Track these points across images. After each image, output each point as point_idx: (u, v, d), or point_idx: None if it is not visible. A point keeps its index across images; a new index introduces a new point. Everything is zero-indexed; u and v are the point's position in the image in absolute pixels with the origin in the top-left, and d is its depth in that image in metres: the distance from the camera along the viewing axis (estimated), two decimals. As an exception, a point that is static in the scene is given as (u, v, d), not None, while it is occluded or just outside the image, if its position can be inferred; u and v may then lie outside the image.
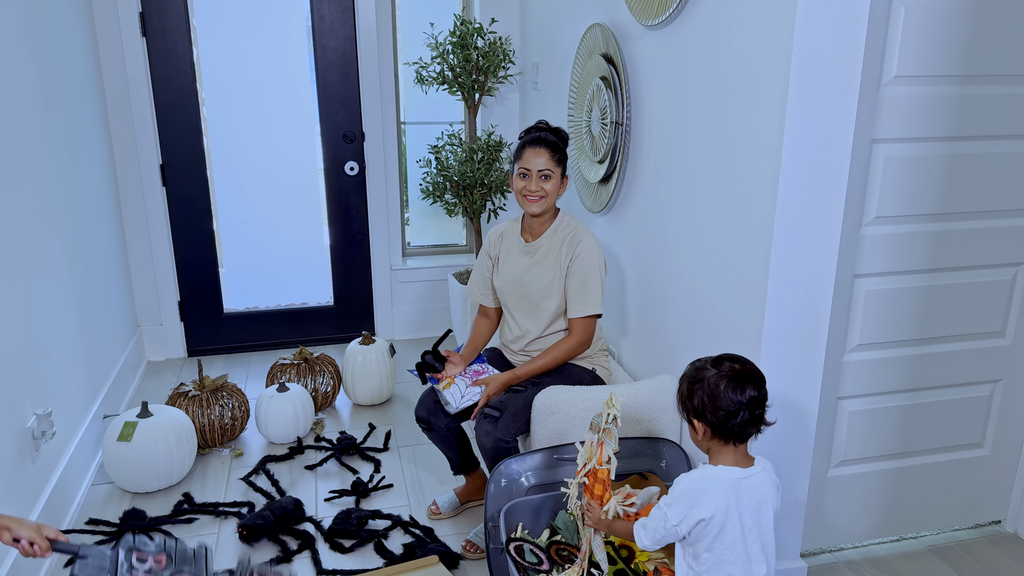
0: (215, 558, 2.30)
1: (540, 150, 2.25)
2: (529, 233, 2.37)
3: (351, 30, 3.61)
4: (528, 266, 2.34)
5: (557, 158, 2.26)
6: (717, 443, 1.50)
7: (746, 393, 1.45)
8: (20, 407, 2.19)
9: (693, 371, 1.53)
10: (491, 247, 2.47)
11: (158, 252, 3.64)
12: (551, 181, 2.26)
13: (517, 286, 2.36)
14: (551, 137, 2.28)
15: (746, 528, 1.49)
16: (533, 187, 2.25)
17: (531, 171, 2.25)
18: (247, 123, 3.64)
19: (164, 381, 3.54)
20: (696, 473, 1.52)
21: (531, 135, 2.31)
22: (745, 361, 1.51)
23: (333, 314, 4.00)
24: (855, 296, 2.06)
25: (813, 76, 1.74)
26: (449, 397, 2.25)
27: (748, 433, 1.48)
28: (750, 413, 1.45)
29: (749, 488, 1.49)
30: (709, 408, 1.47)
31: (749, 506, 1.49)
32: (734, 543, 1.48)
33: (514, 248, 2.40)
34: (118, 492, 2.65)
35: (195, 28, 3.46)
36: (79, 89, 3.01)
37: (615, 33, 2.57)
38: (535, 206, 2.27)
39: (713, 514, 1.47)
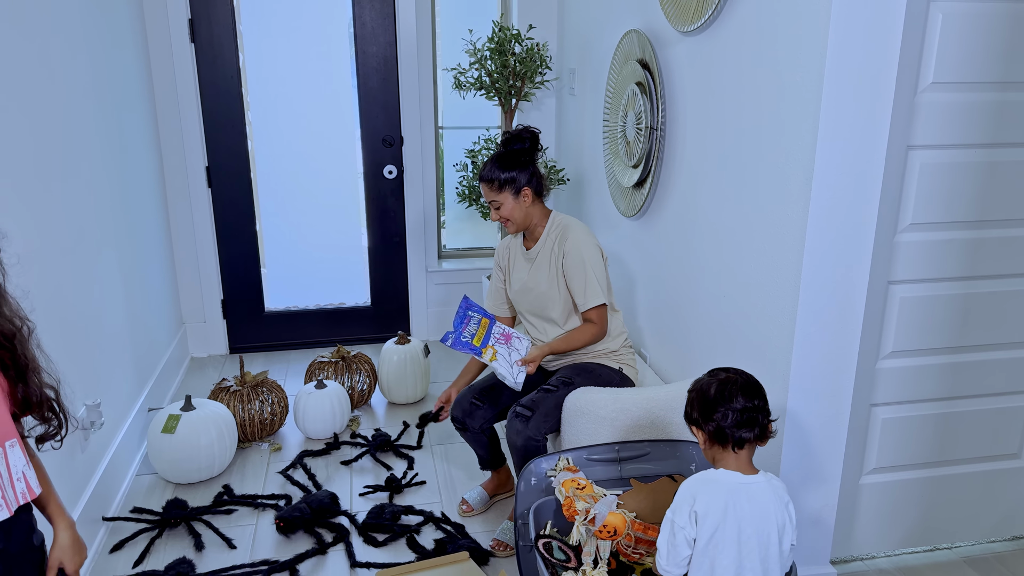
0: (254, 548, 2.38)
1: (483, 186, 2.40)
2: (529, 239, 2.46)
3: (392, 36, 3.68)
4: (530, 272, 2.42)
5: (496, 185, 2.36)
6: (718, 450, 1.56)
7: (738, 400, 1.52)
8: (71, 398, 2.29)
9: (693, 383, 1.63)
10: (500, 259, 2.56)
11: (203, 252, 3.75)
12: (503, 207, 2.38)
13: (525, 292, 2.44)
14: (486, 172, 2.38)
15: (744, 536, 1.49)
16: (495, 216, 2.41)
17: (489, 203, 2.41)
18: (290, 127, 3.74)
19: (207, 376, 3.65)
20: (695, 476, 1.56)
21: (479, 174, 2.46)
22: (742, 373, 1.59)
23: (370, 314, 4.08)
24: (889, 303, 2.05)
25: (847, 82, 1.75)
26: (506, 374, 2.27)
27: (744, 438, 1.52)
28: (742, 417, 1.51)
29: (750, 494, 1.51)
30: (704, 415, 1.55)
31: (750, 513, 1.49)
32: (728, 548, 1.48)
33: (519, 257, 2.49)
34: (161, 482, 2.75)
35: (242, 35, 3.57)
36: (130, 93, 3.12)
37: (651, 39, 2.59)
38: (510, 229, 2.42)
39: (708, 510, 1.48)
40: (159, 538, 2.42)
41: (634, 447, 2.16)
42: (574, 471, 2.00)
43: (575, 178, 3.66)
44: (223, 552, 2.36)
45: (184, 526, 2.47)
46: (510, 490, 2.62)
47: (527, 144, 2.39)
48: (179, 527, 2.47)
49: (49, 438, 1.39)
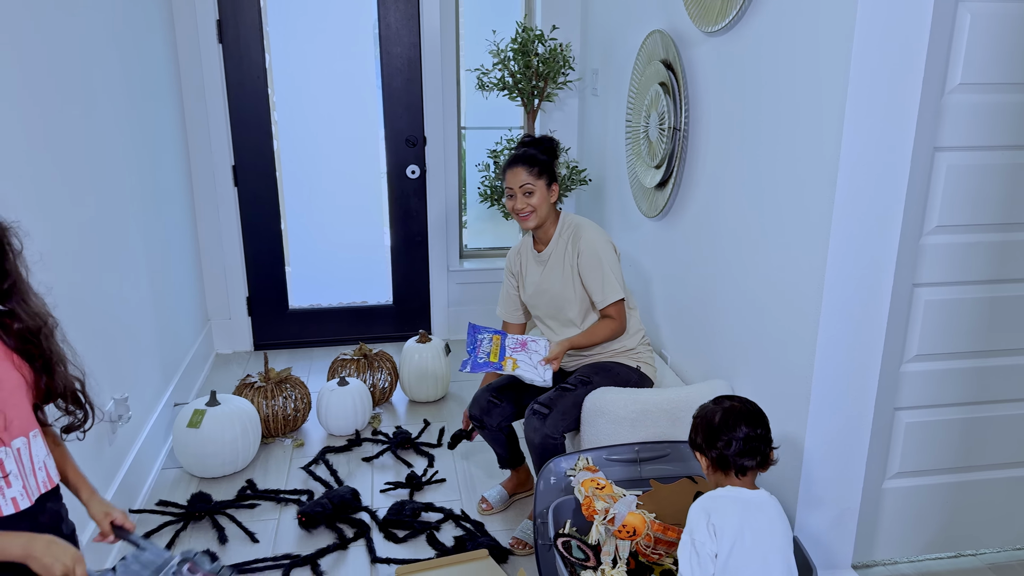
0: (276, 542, 2.41)
1: (517, 168, 2.35)
2: (540, 242, 2.46)
3: (416, 37, 3.71)
4: (542, 274, 2.43)
5: (536, 171, 2.33)
6: (721, 476, 1.62)
7: (740, 429, 1.59)
8: (99, 392, 2.33)
9: (698, 410, 1.70)
10: (512, 265, 2.56)
11: (228, 250, 3.80)
12: (535, 195, 2.34)
13: (540, 295, 2.44)
14: (528, 152, 2.36)
15: (763, 548, 1.51)
16: (520, 205, 2.35)
17: (514, 189, 2.35)
18: (315, 127, 3.77)
19: (231, 372, 3.69)
20: (702, 498, 1.59)
21: (509, 156, 2.42)
22: (746, 401, 1.66)
23: (392, 313, 4.11)
24: (914, 306, 2.03)
25: (873, 83, 1.73)
26: (533, 376, 2.26)
27: (746, 466, 1.59)
28: (744, 446, 1.58)
29: (757, 507, 1.55)
30: (708, 442, 1.62)
31: (765, 525, 1.53)
32: (749, 561, 1.50)
33: (530, 260, 2.49)
34: (186, 476, 2.79)
35: (268, 35, 3.61)
36: (159, 93, 3.18)
37: (675, 40, 2.59)
38: (528, 222, 2.37)
39: (723, 524, 1.51)
40: (184, 531, 2.46)
41: (654, 448, 2.16)
42: (594, 471, 2.00)
43: (596, 179, 3.66)
44: (246, 545, 2.39)
45: (208, 519, 2.51)
46: (530, 489, 2.63)
47: (554, 146, 2.43)
48: (203, 520, 2.51)
49: (74, 429, 1.43)
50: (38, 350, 1.33)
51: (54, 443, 1.42)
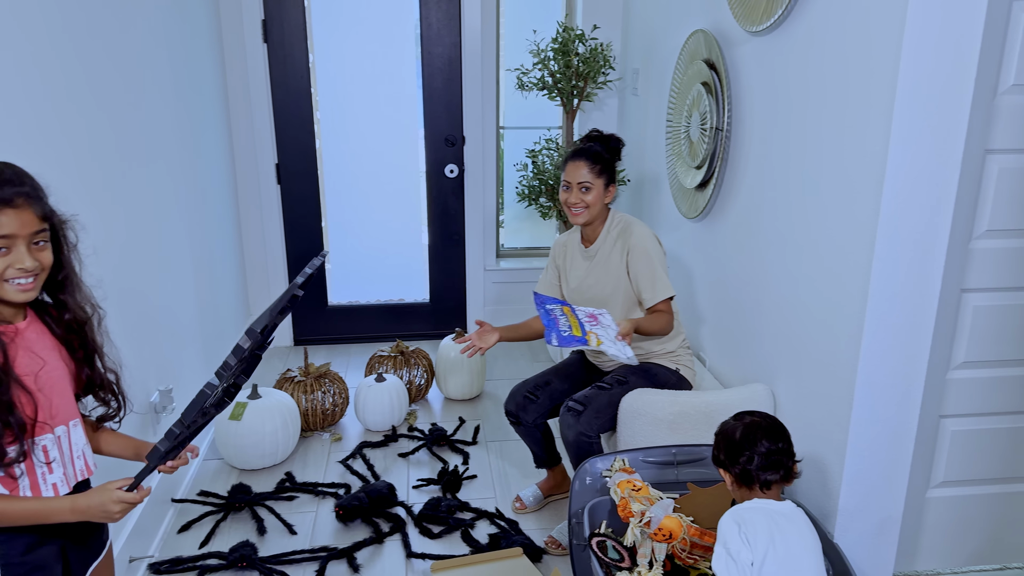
0: (314, 535, 2.44)
1: (580, 163, 2.31)
2: (586, 239, 2.44)
3: (456, 37, 3.73)
4: (589, 269, 2.41)
5: (598, 169, 2.31)
6: (745, 491, 1.63)
7: (762, 443, 1.60)
8: (145, 383, 2.40)
9: (719, 427, 1.71)
10: (557, 256, 2.55)
11: (271, 246, 3.87)
12: (592, 192, 2.32)
13: (584, 290, 2.43)
14: (595, 147, 2.34)
15: (795, 556, 1.51)
16: (574, 200, 2.33)
17: (572, 184, 2.32)
18: (356, 126, 3.82)
19: (272, 367, 3.76)
20: (729, 512, 1.59)
21: (574, 147, 2.38)
22: (766, 416, 1.68)
23: (428, 311, 4.14)
24: (962, 311, 1.98)
25: (923, 84, 1.70)
26: (617, 352, 2.12)
27: (769, 480, 1.60)
28: (766, 460, 1.59)
29: (788, 516, 1.56)
30: (730, 457, 1.64)
31: (795, 534, 1.53)
32: (782, 572, 1.49)
33: (577, 255, 2.47)
34: (227, 468, 2.84)
35: (312, 35, 3.66)
36: (206, 92, 3.24)
37: (718, 39, 2.56)
38: (579, 218, 2.35)
39: (755, 534, 1.51)
40: (224, 521, 2.51)
41: (692, 451, 2.15)
42: (630, 472, 1.99)
43: (635, 179, 3.64)
44: (284, 537, 2.43)
45: (248, 510, 2.56)
46: (565, 491, 2.63)
47: (620, 147, 2.41)
48: (243, 511, 2.56)
49: (109, 419, 1.46)
50: (81, 341, 1.37)
51: (92, 428, 1.46)
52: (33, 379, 1.27)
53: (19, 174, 1.23)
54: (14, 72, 1.70)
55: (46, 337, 1.32)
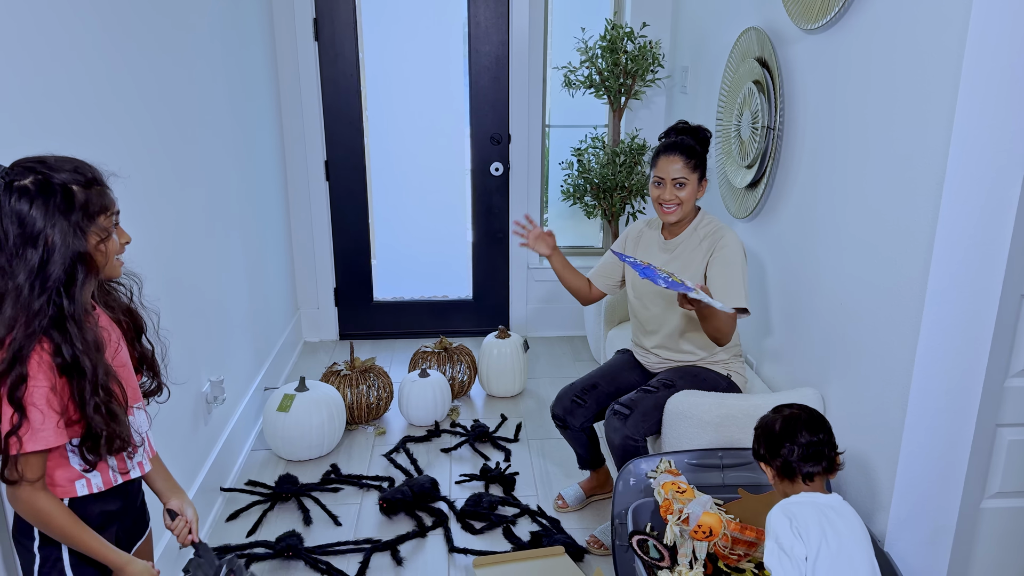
0: (358, 526, 2.48)
1: (674, 157, 2.21)
2: (669, 231, 2.36)
3: (504, 36, 3.74)
4: (666, 262, 2.34)
5: (693, 164, 2.21)
6: (788, 484, 1.62)
7: (802, 435, 1.59)
8: (197, 374, 2.46)
9: (759, 420, 1.70)
10: (629, 238, 2.47)
11: (319, 242, 3.93)
12: (686, 188, 2.22)
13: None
14: (687, 141, 2.23)
15: (847, 549, 1.48)
16: (668, 196, 2.23)
17: (665, 179, 2.23)
18: (404, 124, 3.86)
19: (318, 360, 3.82)
20: (777, 506, 1.57)
21: (666, 140, 2.28)
22: (805, 408, 1.66)
23: (471, 308, 4.16)
24: (1022, 316, 1.92)
25: (987, 84, 1.65)
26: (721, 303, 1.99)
27: (811, 472, 1.58)
28: (807, 452, 1.58)
29: (837, 510, 1.53)
30: (770, 451, 1.63)
31: (845, 528, 1.50)
32: (836, 566, 1.46)
33: (653, 245, 2.39)
34: (274, 458, 2.90)
35: (362, 33, 3.71)
36: (258, 89, 3.31)
37: (771, 37, 2.53)
38: (671, 216, 2.26)
39: (807, 529, 1.49)
40: (271, 511, 2.56)
41: (738, 455, 2.12)
42: (675, 474, 1.98)
43: (683, 178, 3.60)
44: (329, 528, 2.47)
45: (294, 501, 2.60)
46: (608, 491, 2.62)
47: (709, 138, 2.30)
48: (289, 501, 2.61)
49: (148, 395, 1.48)
50: (130, 318, 1.40)
51: None
52: (111, 361, 1.29)
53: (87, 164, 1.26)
54: (85, 74, 1.76)
55: (105, 318, 1.35)
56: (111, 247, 1.25)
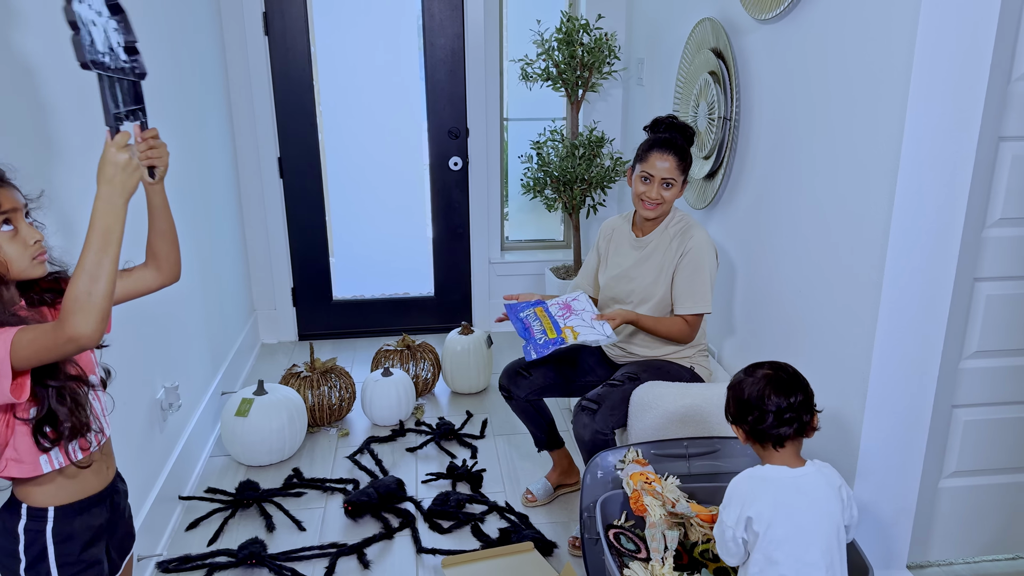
0: (323, 531, 2.43)
1: (668, 156, 2.17)
2: (640, 228, 2.37)
3: (459, 28, 3.70)
4: (637, 261, 2.34)
5: (683, 166, 2.19)
6: (759, 448, 1.55)
7: (771, 399, 1.49)
8: (151, 380, 2.38)
9: (732, 379, 1.60)
10: (602, 240, 2.48)
11: (274, 241, 3.85)
12: (673, 189, 2.20)
13: (624, 280, 2.36)
14: (681, 140, 2.21)
15: (802, 528, 1.45)
16: (653, 195, 2.20)
17: (654, 177, 2.19)
18: (359, 119, 3.79)
19: (276, 362, 3.74)
20: (744, 474, 1.53)
21: (660, 136, 2.22)
22: (781, 368, 1.54)
23: (433, 304, 4.12)
24: (974, 300, 1.97)
25: (937, 71, 1.68)
26: (596, 336, 2.12)
27: (782, 436, 1.49)
28: (778, 417, 1.48)
29: (799, 487, 1.48)
30: (740, 415, 1.54)
31: (804, 506, 1.47)
32: (784, 542, 1.45)
33: (624, 243, 2.40)
34: (233, 464, 2.83)
35: (314, 27, 3.63)
36: (207, 84, 3.22)
37: (726, 27, 2.54)
38: (651, 212, 2.24)
39: (760, 511, 1.46)
40: (232, 518, 2.50)
41: (703, 443, 2.13)
42: (643, 464, 1.98)
43: (641, 170, 3.62)
44: (293, 534, 2.42)
45: (256, 507, 2.55)
46: (574, 483, 2.61)
47: (694, 138, 2.29)
48: (251, 508, 2.55)
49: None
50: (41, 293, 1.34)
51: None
52: None
53: None
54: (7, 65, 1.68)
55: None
56: (12, 250, 1.20)
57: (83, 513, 1.31)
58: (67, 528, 1.28)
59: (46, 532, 1.27)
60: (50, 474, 1.26)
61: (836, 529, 1.49)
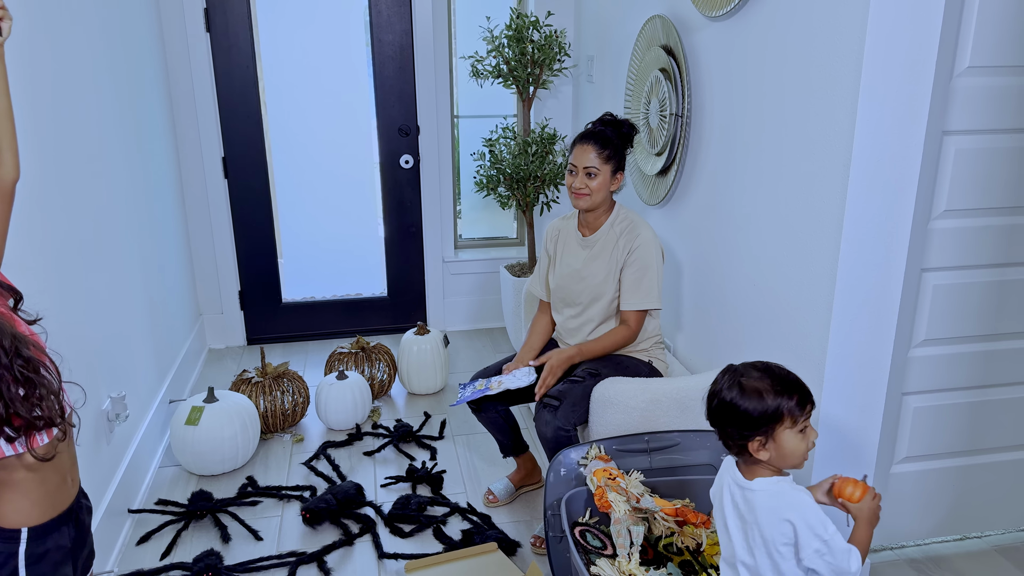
0: (281, 540, 2.37)
1: (588, 146, 2.24)
2: (586, 227, 2.37)
3: (408, 24, 3.65)
4: (585, 260, 2.35)
5: (606, 155, 2.24)
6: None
7: (717, 423, 1.42)
8: (97, 390, 2.29)
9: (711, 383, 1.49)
10: (548, 242, 2.49)
11: (220, 243, 3.74)
12: (597, 179, 2.25)
13: (574, 280, 2.37)
14: (606, 132, 2.26)
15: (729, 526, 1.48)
16: (578, 184, 2.27)
17: (577, 167, 2.26)
18: (306, 117, 3.71)
19: (225, 368, 3.64)
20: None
21: (584, 130, 2.31)
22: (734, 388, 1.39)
23: (386, 305, 4.06)
24: (922, 290, 2.03)
25: (887, 67, 1.72)
26: (518, 381, 2.26)
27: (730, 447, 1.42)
28: (723, 438, 1.42)
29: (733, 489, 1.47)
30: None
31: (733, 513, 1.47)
32: (721, 532, 1.49)
33: (572, 242, 2.41)
34: (185, 474, 2.74)
35: (257, 23, 3.54)
36: (147, 83, 3.10)
37: (676, 25, 2.56)
38: (581, 202, 2.29)
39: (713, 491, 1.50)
40: (185, 530, 2.42)
41: (664, 437, 2.15)
42: (606, 460, 1.98)
43: (593, 166, 3.63)
44: (250, 544, 2.36)
45: (210, 518, 2.47)
46: (536, 482, 2.61)
47: (633, 134, 2.32)
48: (205, 519, 2.47)
49: None
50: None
51: None
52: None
53: None
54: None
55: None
56: None
57: (54, 532, 1.24)
58: (40, 549, 1.22)
59: (18, 555, 1.20)
60: (21, 486, 1.18)
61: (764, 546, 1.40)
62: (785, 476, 1.42)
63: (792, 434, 1.38)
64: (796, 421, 1.38)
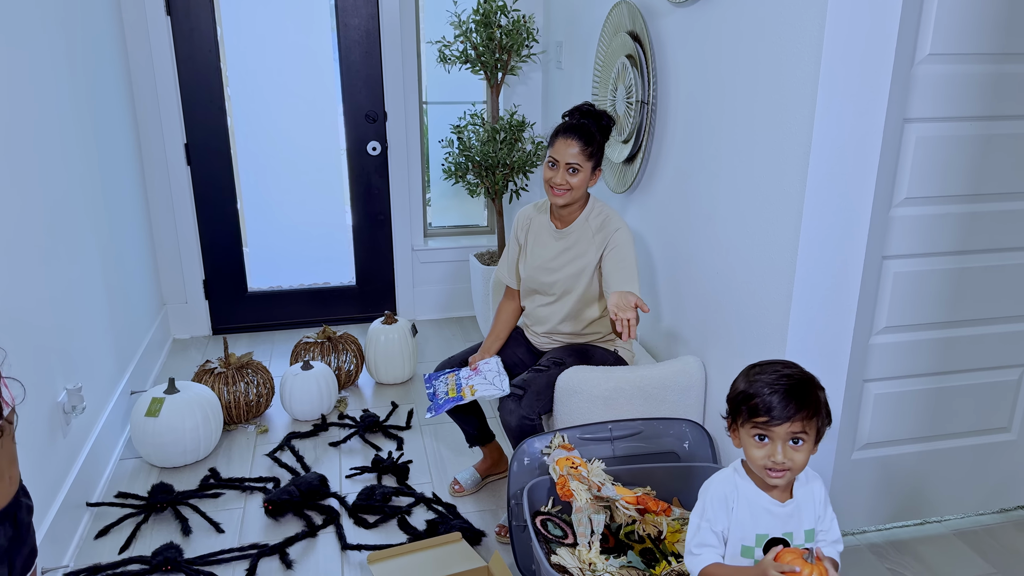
0: (243, 532, 2.34)
1: (572, 141, 2.16)
2: (559, 220, 2.33)
3: (374, 8, 3.59)
4: (559, 252, 2.31)
5: (589, 151, 2.17)
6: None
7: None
8: (52, 382, 2.23)
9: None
10: (519, 231, 2.43)
11: (183, 231, 3.67)
12: (579, 175, 2.18)
13: (546, 272, 2.34)
14: (590, 126, 2.18)
15: None
16: (559, 180, 2.18)
17: (559, 162, 2.18)
18: (271, 103, 3.65)
19: (189, 358, 3.58)
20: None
21: (568, 122, 2.22)
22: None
23: (355, 294, 4.02)
24: (883, 278, 2.04)
25: (846, 54, 1.71)
26: (493, 391, 2.21)
27: None
28: None
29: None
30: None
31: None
32: None
33: (544, 233, 2.36)
34: (146, 467, 2.70)
35: (219, 7, 3.46)
36: (105, 68, 3.02)
37: (642, 11, 2.54)
38: (560, 199, 2.22)
39: None
40: (145, 523, 2.38)
41: (627, 426, 2.15)
42: (569, 449, 1.98)
43: (562, 154, 3.61)
44: (211, 536, 2.32)
45: (170, 511, 2.43)
46: (502, 471, 2.60)
47: (611, 126, 2.26)
48: (165, 512, 2.43)
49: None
50: None
51: None
52: None
53: None
54: None
55: None
56: None
57: None
58: None
59: None
60: None
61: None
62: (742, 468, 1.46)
63: (747, 435, 1.39)
64: (754, 424, 1.37)
